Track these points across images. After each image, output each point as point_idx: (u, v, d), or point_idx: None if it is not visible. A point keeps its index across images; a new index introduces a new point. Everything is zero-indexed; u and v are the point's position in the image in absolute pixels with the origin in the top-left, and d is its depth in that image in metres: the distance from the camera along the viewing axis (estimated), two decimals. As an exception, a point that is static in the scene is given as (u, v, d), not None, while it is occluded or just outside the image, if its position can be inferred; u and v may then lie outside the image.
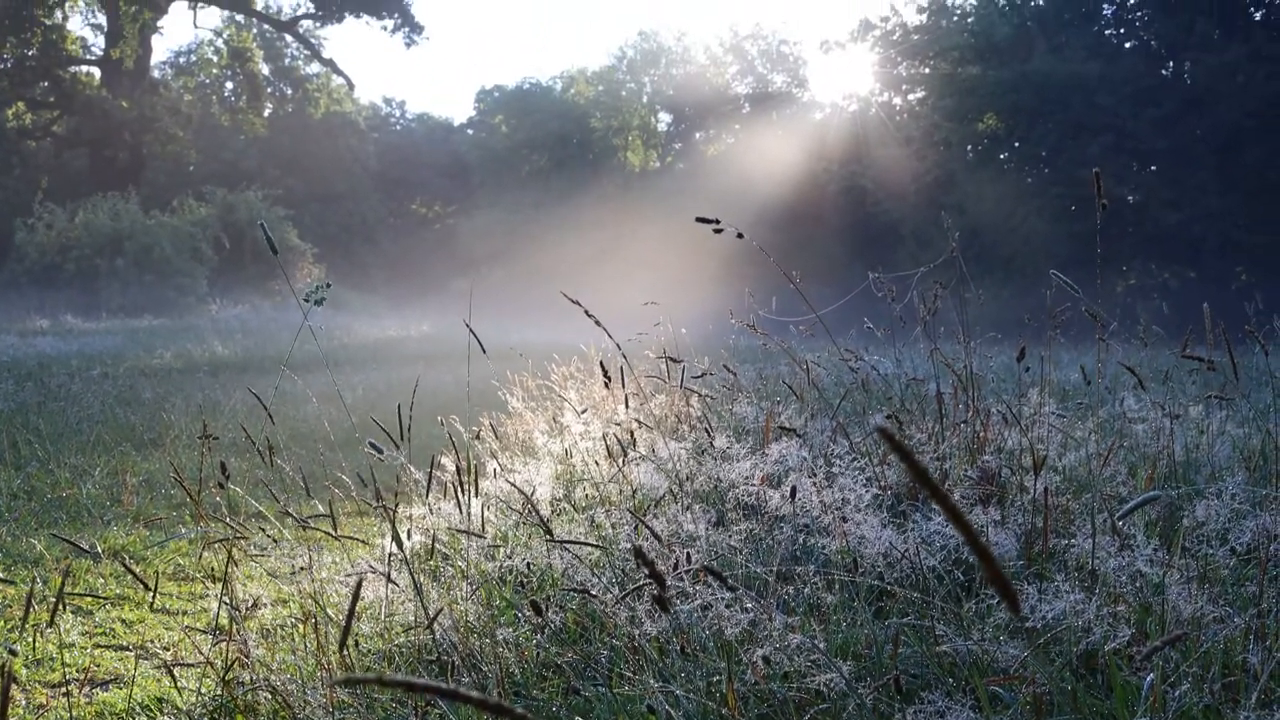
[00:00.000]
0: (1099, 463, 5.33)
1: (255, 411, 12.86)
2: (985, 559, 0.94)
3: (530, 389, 9.78)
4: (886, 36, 49.95)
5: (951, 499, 0.98)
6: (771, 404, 7.79)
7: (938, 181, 44.03)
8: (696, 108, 64.43)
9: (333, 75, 75.22)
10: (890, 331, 7.85)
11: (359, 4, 66.61)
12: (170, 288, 45.50)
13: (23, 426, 12.10)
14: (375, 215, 72.93)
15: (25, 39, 60.30)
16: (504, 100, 73.35)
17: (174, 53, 75.89)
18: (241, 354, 25.11)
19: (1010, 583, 0.96)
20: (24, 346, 25.23)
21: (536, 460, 7.15)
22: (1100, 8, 46.14)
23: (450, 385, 17.76)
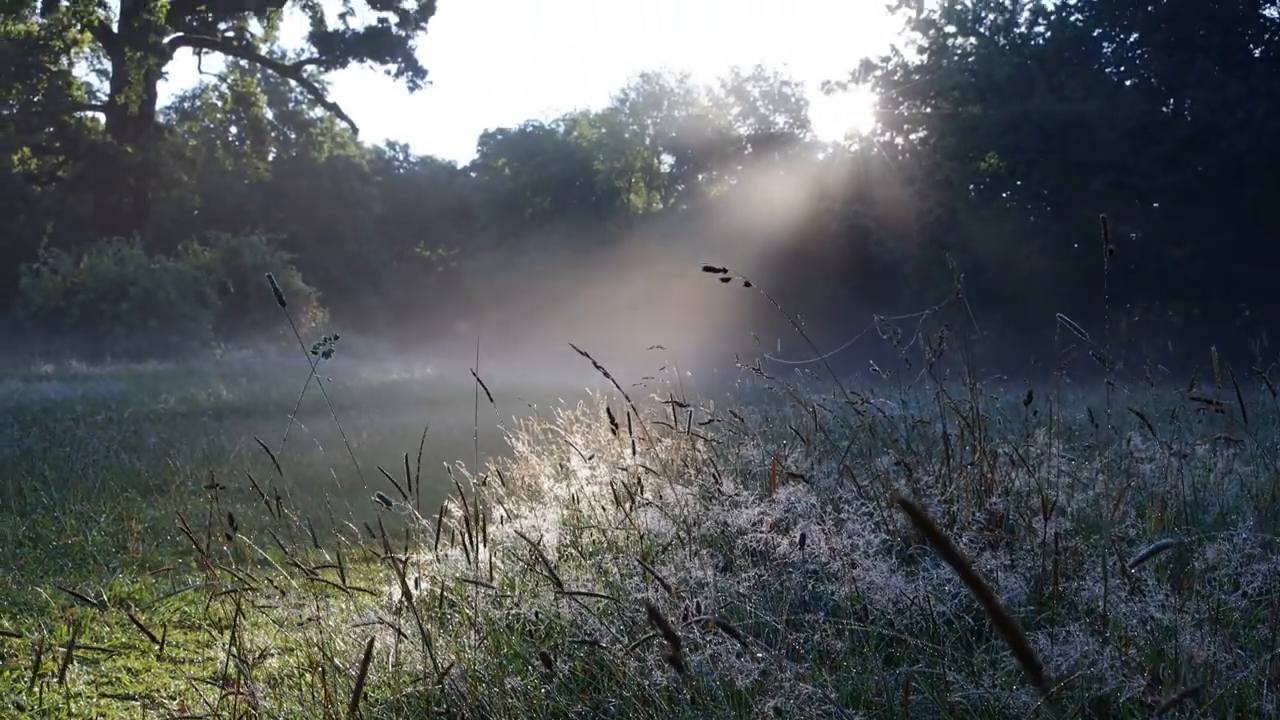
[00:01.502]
0: (1109, 506, 5.31)
1: (261, 457, 12.82)
2: (1016, 643, 0.93)
3: (536, 433, 9.77)
4: (887, 77, 50.11)
5: (978, 574, 0.98)
6: (778, 447, 7.78)
7: (940, 220, 44.09)
8: (699, 149, 64.60)
9: (336, 119, 75.52)
10: (895, 373, 7.85)
11: (363, 49, 66.93)
12: (175, 332, 45.53)
13: (28, 473, 12.09)
14: (379, 258, 73.11)
15: (31, 85, 60.57)
16: (507, 143, 73.60)
17: (178, 98, 76.27)
18: (246, 398, 25.11)
19: (1037, 658, 0.95)
20: (29, 391, 25.23)
21: (543, 505, 7.13)
22: (1100, 46, 46.33)
23: (455, 429, 17.73)
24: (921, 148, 49.43)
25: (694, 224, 56.56)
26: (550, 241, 62.38)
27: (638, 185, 68.85)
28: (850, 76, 51.33)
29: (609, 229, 63.39)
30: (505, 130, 75.34)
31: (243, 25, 67.77)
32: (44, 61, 59.84)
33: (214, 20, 66.86)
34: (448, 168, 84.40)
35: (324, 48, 68.26)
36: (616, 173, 67.73)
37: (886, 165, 49.78)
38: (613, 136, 68.46)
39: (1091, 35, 46.07)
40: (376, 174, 79.27)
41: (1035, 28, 47.75)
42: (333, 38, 67.61)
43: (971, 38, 48.43)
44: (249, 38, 68.48)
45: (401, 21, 66.66)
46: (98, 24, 61.17)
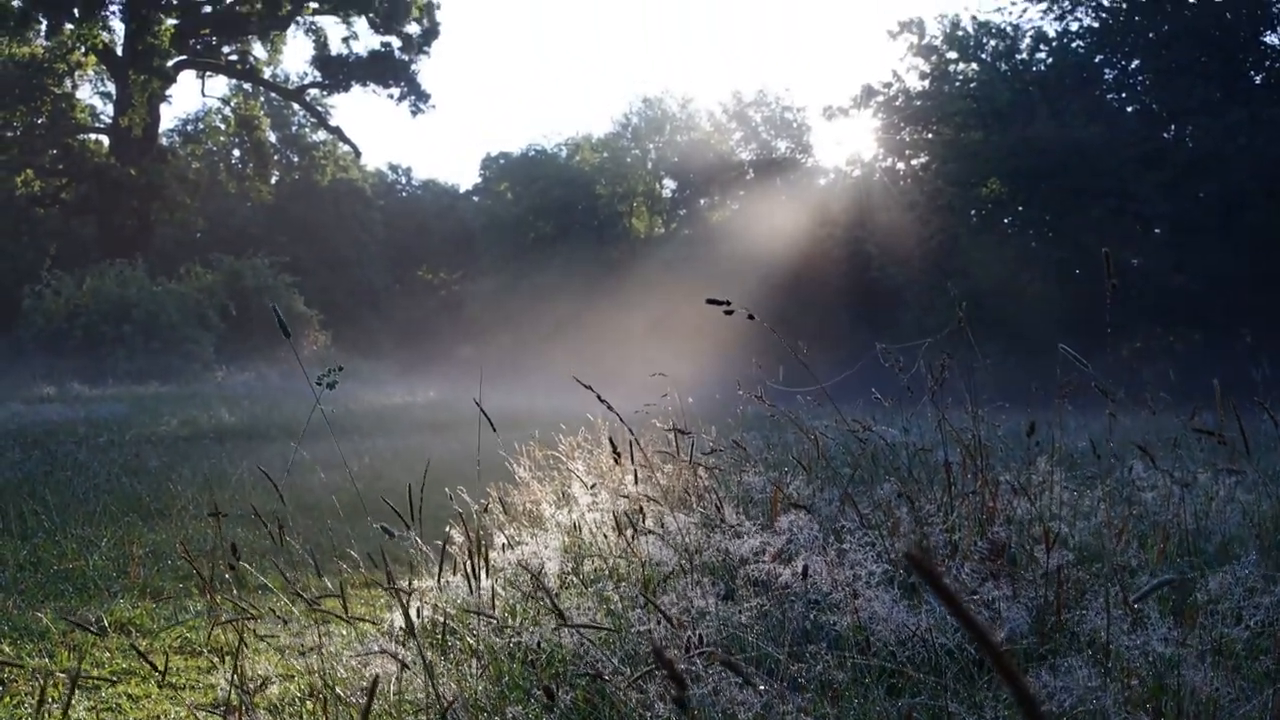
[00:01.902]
0: (1112, 537, 5.31)
1: (262, 481, 12.82)
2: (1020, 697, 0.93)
3: (537, 459, 9.76)
4: (889, 102, 50.17)
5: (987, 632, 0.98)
6: (779, 474, 7.77)
7: (941, 246, 44.11)
8: (701, 174, 64.64)
9: (339, 143, 75.69)
10: (897, 400, 7.85)
11: (366, 73, 67.09)
12: (177, 355, 45.56)
13: (29, 496, 12.09)
14: (381, 282, 73.23)
15: (35, 107, 60.76)
16: (509, 167, 73.67)
17: (182, 120, 76.37)
18: (248, 421, 25.09)
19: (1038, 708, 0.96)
20: (31, 414, 25.24)
21: (544, 532, 7.13)
22: (1101, 73, 46.42)
23: (457, 453, 17.72)
24: (923, 173, 49.47)
25: (696, 249, 56.60)
26: (552, 266, 62.40)
27: (640, 210, 68.89)
28: (852, 102, 51.41)
29: (611, 254, 63.43)
30: (507, 154, 75.44)
31: (246, 49, 67.98)
32: (48, 84, 60.06)
33: (218, 44, 67.08)
34: (450, 191, 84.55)
35: (327, 71, 68.45)
36: (619, 197, 67.79)
37: (888, 191, 49.83)
38: (615, 161, 68.51)
39: (1093, 62, 46.16)
40: (379, 197, 79.42)
41: (1037, 54, 47.84)
42: (336, 62, 67.79)
43: (973, 64, 48.49)
44: (252, 61, 68.68)
45: (404, 46, 66.88)
46: (102, 47, 61.39)
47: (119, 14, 62.03)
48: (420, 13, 65.94)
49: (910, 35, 49.29)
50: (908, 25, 49.27)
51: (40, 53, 60.43)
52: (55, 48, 60.65)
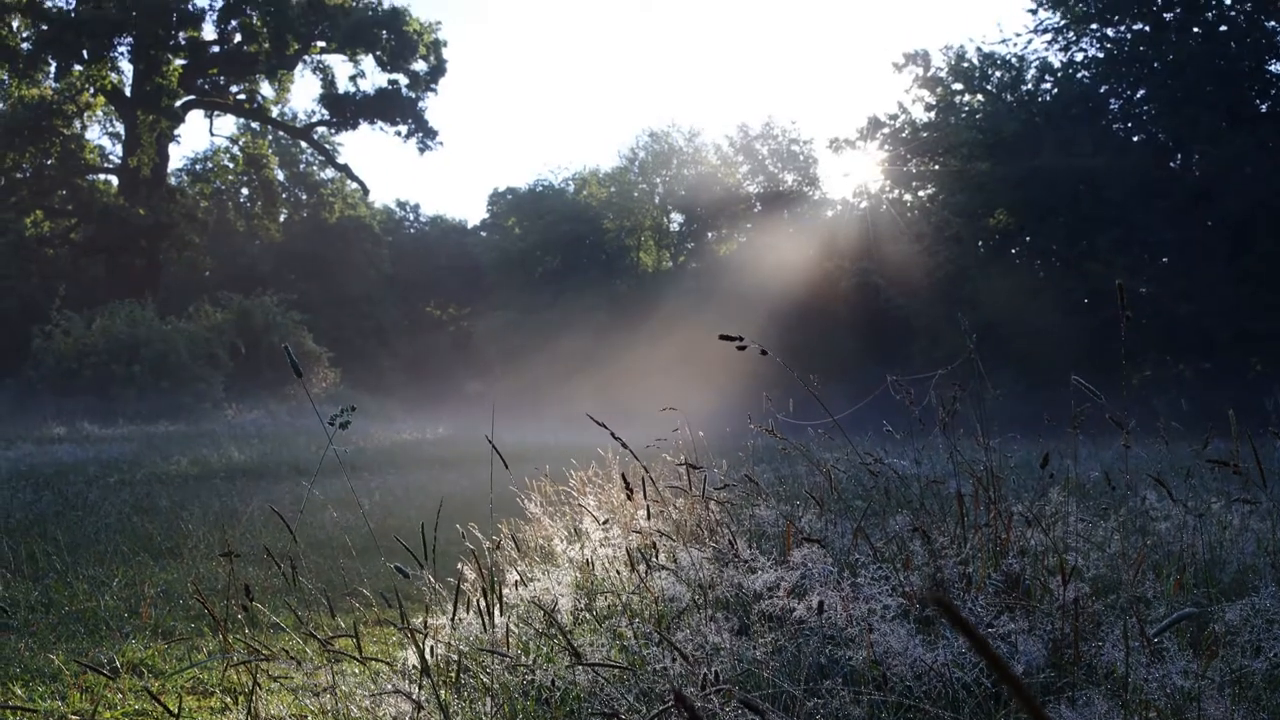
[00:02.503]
0: (1127, 568, 5.28)
1: (273, 519, 12.82)
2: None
3: (548, 494, 9.73)
4: (895, 134, 50.28)
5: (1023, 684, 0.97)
6: (791, 508, 7.75)
7: (950, 277, 44.12)
8: (708, 207, 64.76)
9: (347, 180, 76.03)
10: (908, 432, 7.83)
11: (373, 111, 67.39)
12: (186, 393, 45.60)
13: (40, 537, 12.08)
14: (390, 318, 73.36)
15: (44, 148, 61.11)
16: (516, 202, 73.93)
17: (190, 160, 76.88)
18: (258, 459, 25.08)
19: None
20: (41, 454, 25.25)
21: (556, 568, 7.11)
22: (1107, 103, 46.49)
23: (467, 489, 17.70)
24: (930, 204, 49.56)
25: (704, 282, 56.67)
26: (560, 300, 62.49)
27: (647, 244, 69.05)
28: (858, 134, 51.50)
29: (619, 288, 63.54)
30: (515, 189, 75.74)
31: (254, 88, 68.36)
32: (57, 125, 60.42)
33: (225, 83, 67.49)
34: (458, 227, 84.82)
35: (335, 110, 68.76)
36: (626, 231, 67.97)
37: (895, 222, 49.91)
38: (622, 195, 68.73)
39: (1098, 92, 46.25)
40: (387, 234, 79.68)
41: (1042, 85, 47.91)
42: (343, 100, 68.12)
43: (979, 95, 48.61)
44: (260, 100, 69.07)
45: (412, 83, 67.19)
46: (110, 88, 61.79)
47: (127, 55, 62.47)
48: (427, 50, 66.29)
49: (915, 67, 49.45)
50: (913, 57, 49.43)
51: (49, 94, 60.82)
52: (64, 89, 61.05)
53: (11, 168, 61.02)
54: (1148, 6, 44.79)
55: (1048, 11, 46.68)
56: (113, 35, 60.61)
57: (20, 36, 61.26)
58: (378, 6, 66.42)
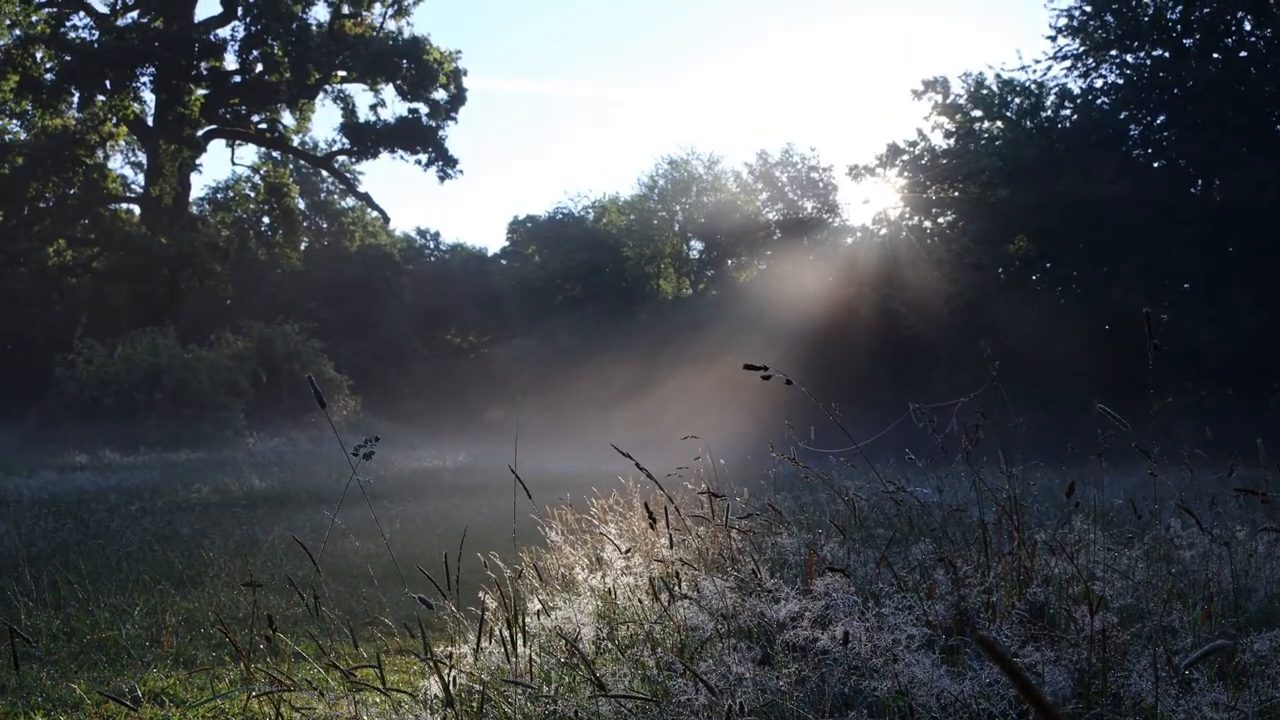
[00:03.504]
0: (1153, 597, 5.24)
1: (294, 547, 12.82)
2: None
3: (569, 522, 9.72)
4: (915, 161, 50.20)
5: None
6: (814, 536, 7.72)
7: (970, 304, 44.01)
8: (728, 235, 64.77)
9: (368, 209, 76.36)
10: (930, 460, 7.80)
11: (394, 140, 67.65)
12: (207, 421, 45.70)
13: (62, 565, 12.11)
14: (410, 346, 73.49)
15: (67, 178, 61.50)
16: (536, 230, 74.10)
17: (211, 188, 77.37)
18: (279, 488, 25.11)
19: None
20: (63, 482, 25.32)
21: (577, 596, 7.09)
22: (1127, 129, 46.37)
23: (488, 517, 17.70)
24: (950, 231, 49.44)
25: (724, 309, 56.62)
26: (580, 328, 62.51)
27: (667, 271, 69.09)
28: (878, 161, 51.43)
29: (639, 315, 63.54)
30: (535, 217, 75.94)
31: (275, 117, 68.67)
32: (80, 155, 60.80)
33: (247, 112, 67.81)
34: (478, 255, 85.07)
35: (355, 138, 69.05)
36: (646, 259, 68.01)
37: (915, 249, 49.79)
38: (642, 223, 68.79)
39: (1118, 118, 46.12)
40: (407, 262, 79.91)
41: (1062, 111, 47.82)
42: (364, 129, 68.41)
43: (998, 122, 48.53)
44: (281, 129, 69.36)
45: (432, 112, 67.41)
46: (133, 117, 62.18)
47: (149, 85, 62.83)
48: (447, 79, 66.52)
49: (935, 94, 49.41)
50: (932, 84, 49.39)
51: (73, 124, 61.25)
52: (87, 119, 61.46)
53: (35, 197, 61.41)
54: (1167, 33, 44.74)
55: (1067, 38, 46.66)
56: (135, 66, 61.01)
57: (44, 67, 61.75)
58: (398, 36, 66.75)
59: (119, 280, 62.31)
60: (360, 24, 65.99)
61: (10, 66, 59.60)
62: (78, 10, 62.68)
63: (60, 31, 61.69)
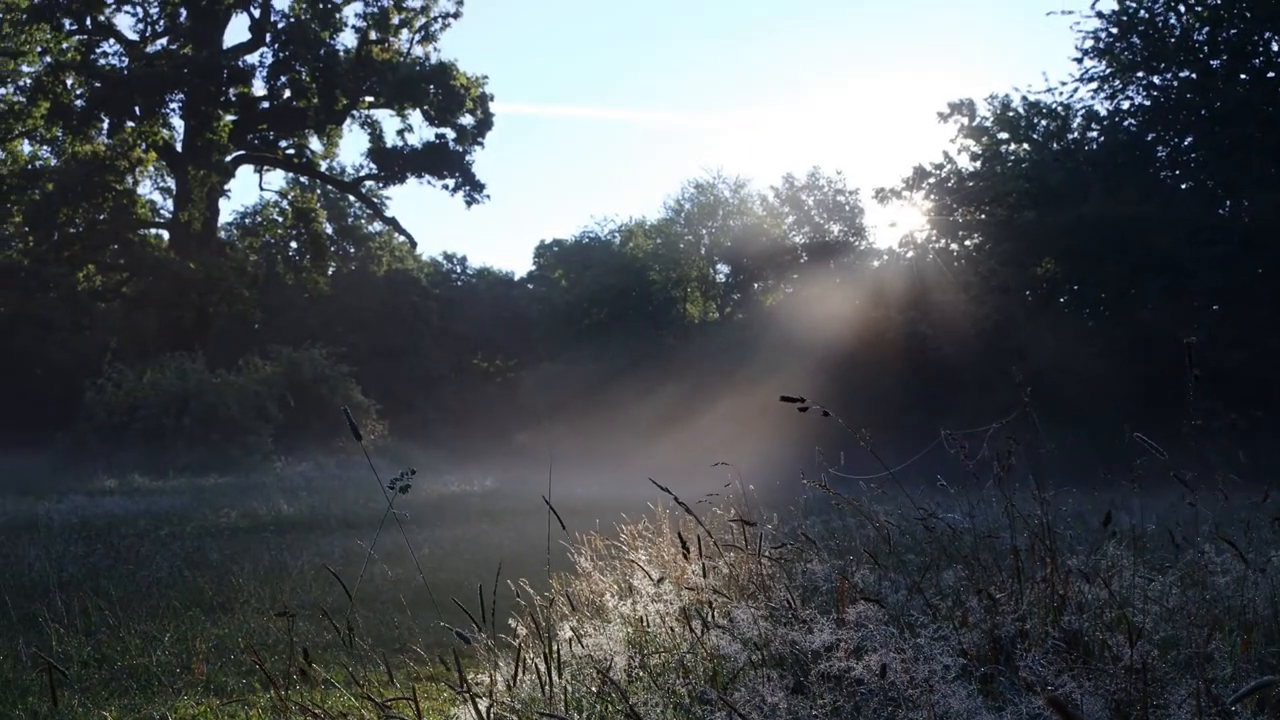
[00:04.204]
0: (1190, 626, 5.20)
1: (324, 573, 12.84)
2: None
3: (599, 548, 9.69)
4: (941, 183, 50.11)
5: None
6: (845, 562, 7.69)
7: (997, 326, 43.88)
8: (754, 258, 64.74)
9: (395, 233, 76.62)
10: (961, 484, 7.76)
11: (421, 165, 67.92)
12: (236, 445, 45.81)
13: (93, 591, 12.14)
14: (437, 370, 73.64)
15: (97, 204, 61.90)
16: (563, 254, 74.26)
17: (240, 214, 77.76)
18: (307, 512, 25.14)
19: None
20: (92, 506, 25.44)
21: (608, 623, 7.07)
22: (1154, 151, 46.24)
23: (516, 542, 17.68)
24: (977, 254, 49.33)
25: (750, 333, 56.57)
26: (607, 352, 62.50)
27: (694, 295, 69.08)
28: (904, 183, 51.36)
29: (666, 339, 63.55)
30: (561, 241, 76.12)
31: (303, 142, 69.07)
32: (110, 181, 61.23)
33: (275, 138, 68.24)
34: (504, 279, 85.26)
35: (383, 164, 69.34)
36: (672, 282, 68.01)
37: (942, 272, 49.65)
38: (668, 247, 68.80)
39: (1145, 139, 46.00)
40: (434, 286, 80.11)
41: (1089, 133, 47.72)
42: (391, 154, 68.70)
43: (1024, 144, 48.44)
44: (309, 154, 69.75)
45: (459, 137, 67.67)
46: (162, 144, 62.68)
47: (178, 111, 63.35)
48: (474, 104, 66.78)
49: (961, 117, 49.37)
50: (958, 107, 49.37)
51: (102, 150, 61.70)
52: (117, 145, 61.94)
53: (65, 223, 61.84)
54: (1194, 54, 44.63)
55: (1093, 60, 46.55)
56: (164, 92, 61.51)
57: (74, 94, 62.30)
58: (425, 61, 67.11)
59: (148, 305, 62.67)
60: (388, 50, 66.36)
61: (41, 93, 60.20)
62: (108, 37, 63.29)
63: (90, 58, 62.27)
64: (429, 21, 67.82)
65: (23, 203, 60.90)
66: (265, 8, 65.27)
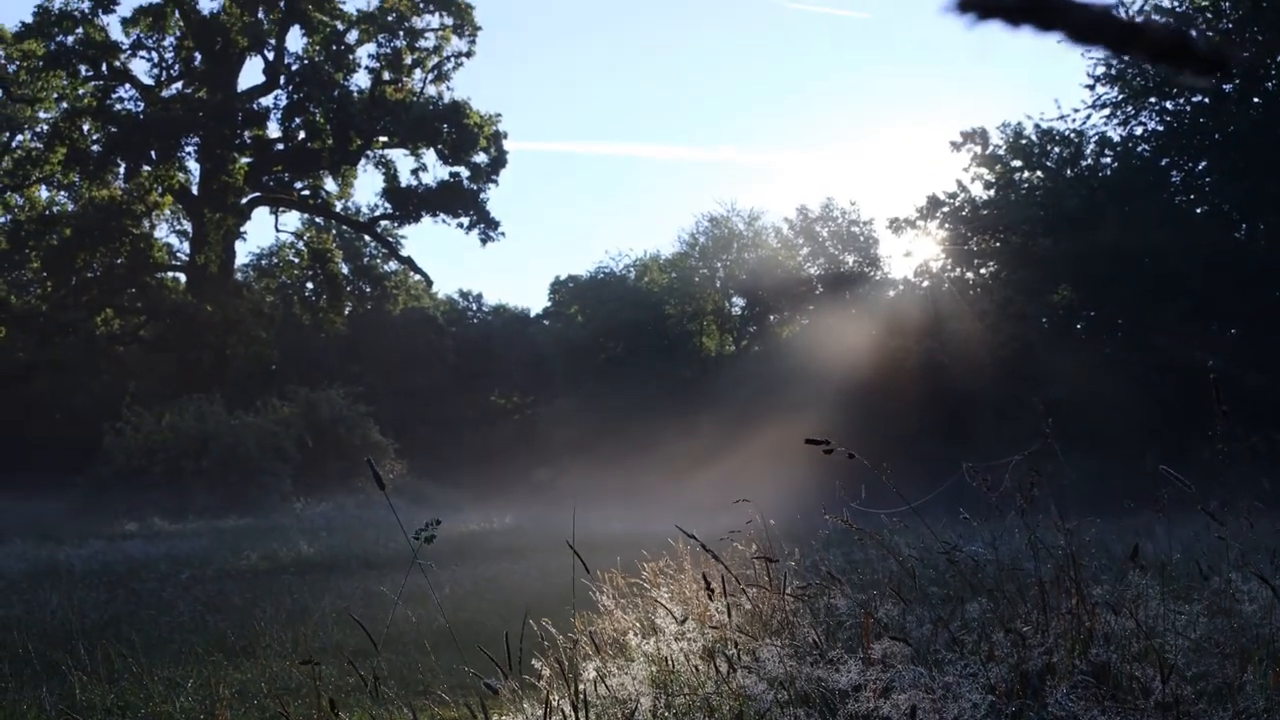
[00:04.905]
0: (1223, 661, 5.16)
1: (344, 616, 12.83)
2: None
3: (620, 586, 9.65)
4: (955, 212, 50.05)
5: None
6: (868, 597, 7.66)
7: (1015, 354, 43.76)
8: (770, 290, 64.72)
9: (410, 272, 76.78)
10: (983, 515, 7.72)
11: (436, 204, 68.05)
12: (255, 487, 45.87)
13: (115, 638, 12.13)
14: (455, 408, 73.65)
15: (114, 248, 62.19)
16: (578, 290, 74.31)
17: (256, 255, 78.09)
18: (327, 553, 25.14)
19: None
20: (113, 551, 25.46)
21: (630, 662, 7.04)
22: (1168, 176, 46.16)
23: (537, 580, 17.65)
24: (992, 282, 49.27)
25: (767, 366, 56.53)
26: (624, 387, 62.48)
27: (710, 328, 69.06)
28: (918, 213, 51.30)
29: (682, 373, 63.50)
30: (576, 277, 76.15)
31: (318, 183, 69.36)
32: (127, 225, 61.55)
33: (290, 179, 68.55)
34: (521, 316, 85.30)
35: (397, 203, 69.52)
36: (688, 316, 68.01)
37: (958, 300, 49.58)
38: (683, 280, 68.81)
39: (1159, 164, 45.93)
40: (450, 324, 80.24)
41: (1102, 159, 47.66)
42: (406, 193, 68.88)
43: (1038, 171, 48.39)
44: (324, 195, 70.04)
45: (473, 175, 67.82)
46: (178, 187, 63.02)
47: (194, 155, 63.69)
48: (488, 142, 66.97)
49: (974, 145, 49.36)
50: (971, 136, 49.37)
51: (118, 194, 62.06)
52: (133, 189, 62.31)
53: (82, 267, 62.13)
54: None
55: (1105, 86, 46.50)
56: (180, 136, 61.87)
57: (91, 139, 62.74)
58: (438, 101, 67.37)
59: (166, 348, 62.84)
60: (401, 90, 66.70)
61: (58, 139, 60.65)
62: (123, 83, 63.73)
63: (106, 104, 62.71)
64: (442, 61, 68.22)
65: (41, 248, 61.27)
66: (279, 50, 65.74)
